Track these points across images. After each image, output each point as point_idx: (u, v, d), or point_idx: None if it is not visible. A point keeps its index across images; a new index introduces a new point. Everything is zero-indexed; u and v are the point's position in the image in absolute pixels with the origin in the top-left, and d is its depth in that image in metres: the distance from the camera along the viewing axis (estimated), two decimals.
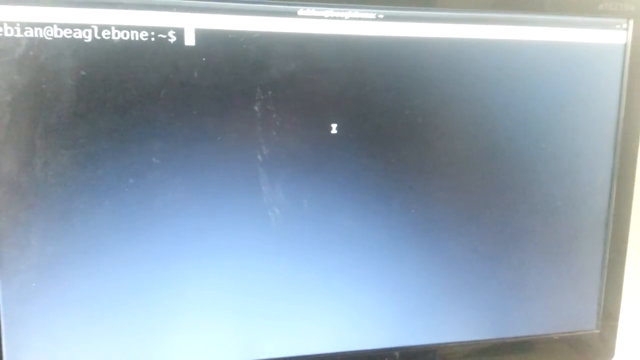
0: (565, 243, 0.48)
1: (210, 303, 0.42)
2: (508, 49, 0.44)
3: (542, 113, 0.45)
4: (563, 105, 0.46)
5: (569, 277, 0.48)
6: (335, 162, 0.42)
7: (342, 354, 0.45)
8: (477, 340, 0.47)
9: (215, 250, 0.41)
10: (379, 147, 0.42)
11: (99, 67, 0.37)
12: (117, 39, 0.37)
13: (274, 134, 0.40)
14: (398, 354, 0.46)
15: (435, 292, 0.46)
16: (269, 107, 0.40)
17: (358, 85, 0.41)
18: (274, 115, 0.40)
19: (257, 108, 0.40)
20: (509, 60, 0.44)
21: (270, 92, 0.40)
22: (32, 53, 0.36)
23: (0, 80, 0.36)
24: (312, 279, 0.43)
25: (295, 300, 0.43)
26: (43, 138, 0.37)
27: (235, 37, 0.39)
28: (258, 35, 0.39)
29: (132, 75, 0.37)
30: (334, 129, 0.41)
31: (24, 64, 0.36)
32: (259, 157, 0.40)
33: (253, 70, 0.39)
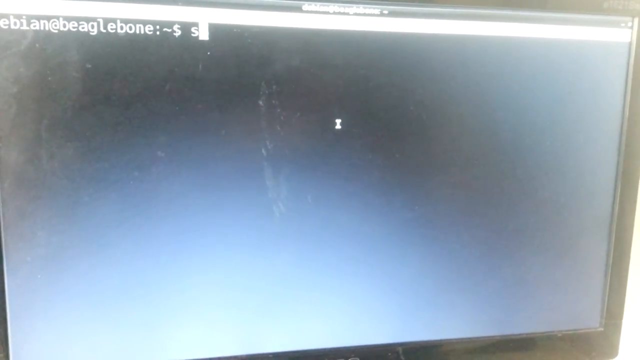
0: (569, 240, 0.48)
1: (214, 296, 0.42)
2: (513, 46, 0.44)
3: (546, 110, 0.45)
4: (567, 103, 0.46)
5: (573, 274, 0.48)
6: (339, 157, 0.42)
7: (345, 349, 0.45)
8: (480, 337, 0.47)
9: (219, 244, 0.41)
10: (383, 142, 0.43)
11: (105, 60, 0.37)
12: (122, 32, 0.37)
13: (279, 129, 0.40)
14: (401, 350, 0.46)
15: (439, 288, 0.46)
16: (274, 101, 0.40)
17: (362, 81, 0.41)
18: (279, 110, 0.40)
19: (261, 103, 0.40)
20: (514, 58, 0.44)
21: (275, 86, 0.40)
22: (38, 45, 0.36)
23: (7, 73, 0.36)
24: (315, 274, 0.43)
25: (299, 295, 0.43)
26: (49, 130, 0.37)
27: (241, 31, 0.39)
28: (262, 30, 0.39)
29: (138, 69, 0.37)
30: (338, 125, 0.41)
31: (30, 57, 0.36)
32: (263, 151, 0.41)
33: (258, 65, 0.39)
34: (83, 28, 0.36)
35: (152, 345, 0.41)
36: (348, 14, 0.40)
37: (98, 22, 0.37)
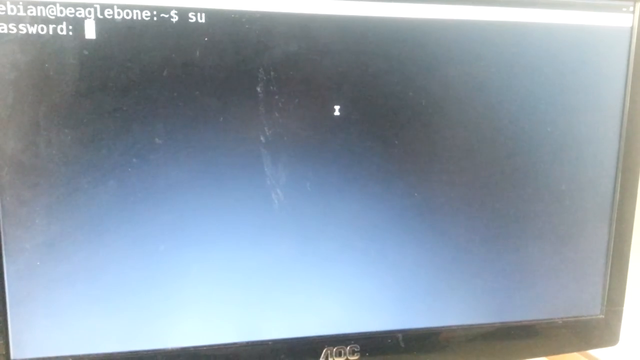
0: (570, 227, 0.48)
1: (213, 284, 0.42)
2: (513, 31, 0.43)
3: (547, 96, 0.45)
4: (568, 89, 0.45)
5: (574, 261, 0.48)
6: (338, 144, 0.42)
7: (344, 336, 0.45)
8: (480, 324, 0.47)
9: (218, 232, 0.41)
10: (382, 129, 0.42)
11: (102, 46, 0.37)
12: (119, 18, 0.37)
13: (277, 115, 0.40)
14: (401, 337, 0.46)
15: (439, 275, 0.46)
16: (272, 88, 0.40)
17: (361, 67, 0.41)
18: (277, 96, 0.40)
19: (259, 89, 0.40)
20: (514, 43, 0.44)
21: (273, 72, 0.40)
22: (35, 32, 0.36)
23: (4, 59, 0.36)
24: (314, 261, 0.43)
25: (298, 282, 0.43)
26: (46, 117, 0.37)
27: (239, 16, 0.38)
28: (260, 15, 0.39)
29: (135, 55, 0.37)
30: (337, 111, 0.41)
31: (27, 43, 0.36)
32: (262, 138, 0.40)
33: (256, 51, 0.39)
34: (80, 14, 0.36)
35: (151, 333, 0.41)
36: None
37: (95, 7, 0.36)
